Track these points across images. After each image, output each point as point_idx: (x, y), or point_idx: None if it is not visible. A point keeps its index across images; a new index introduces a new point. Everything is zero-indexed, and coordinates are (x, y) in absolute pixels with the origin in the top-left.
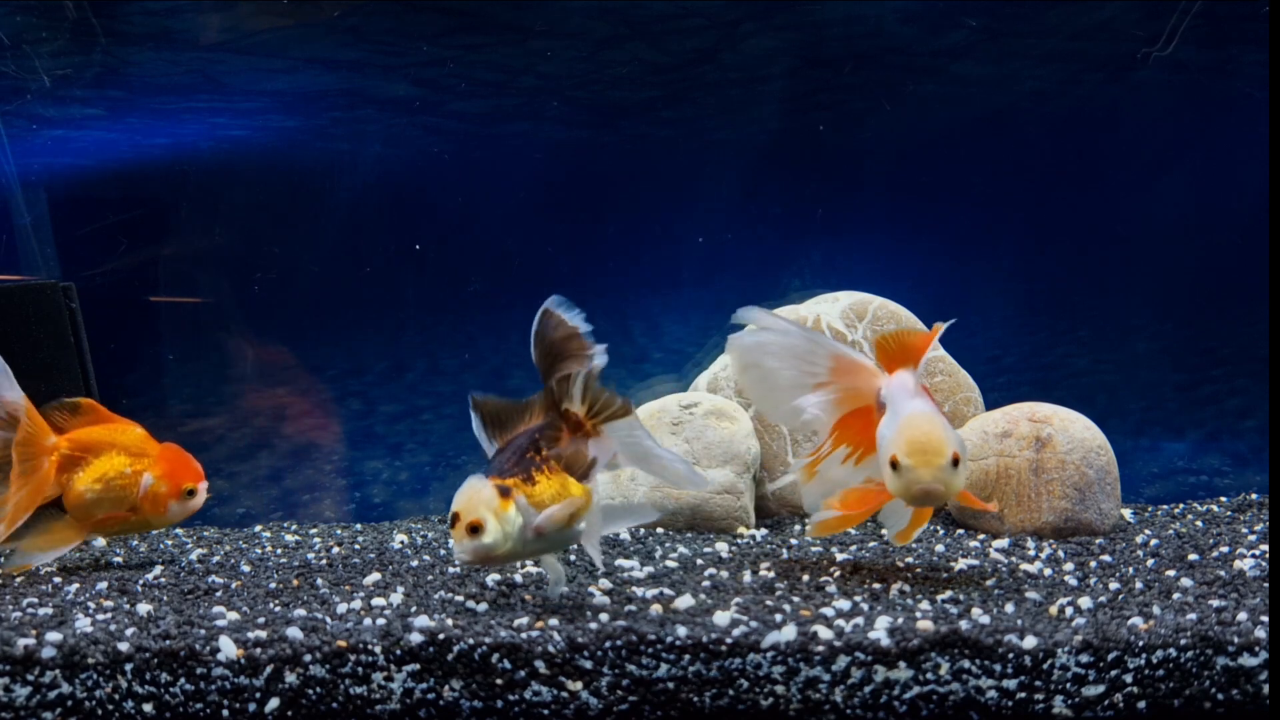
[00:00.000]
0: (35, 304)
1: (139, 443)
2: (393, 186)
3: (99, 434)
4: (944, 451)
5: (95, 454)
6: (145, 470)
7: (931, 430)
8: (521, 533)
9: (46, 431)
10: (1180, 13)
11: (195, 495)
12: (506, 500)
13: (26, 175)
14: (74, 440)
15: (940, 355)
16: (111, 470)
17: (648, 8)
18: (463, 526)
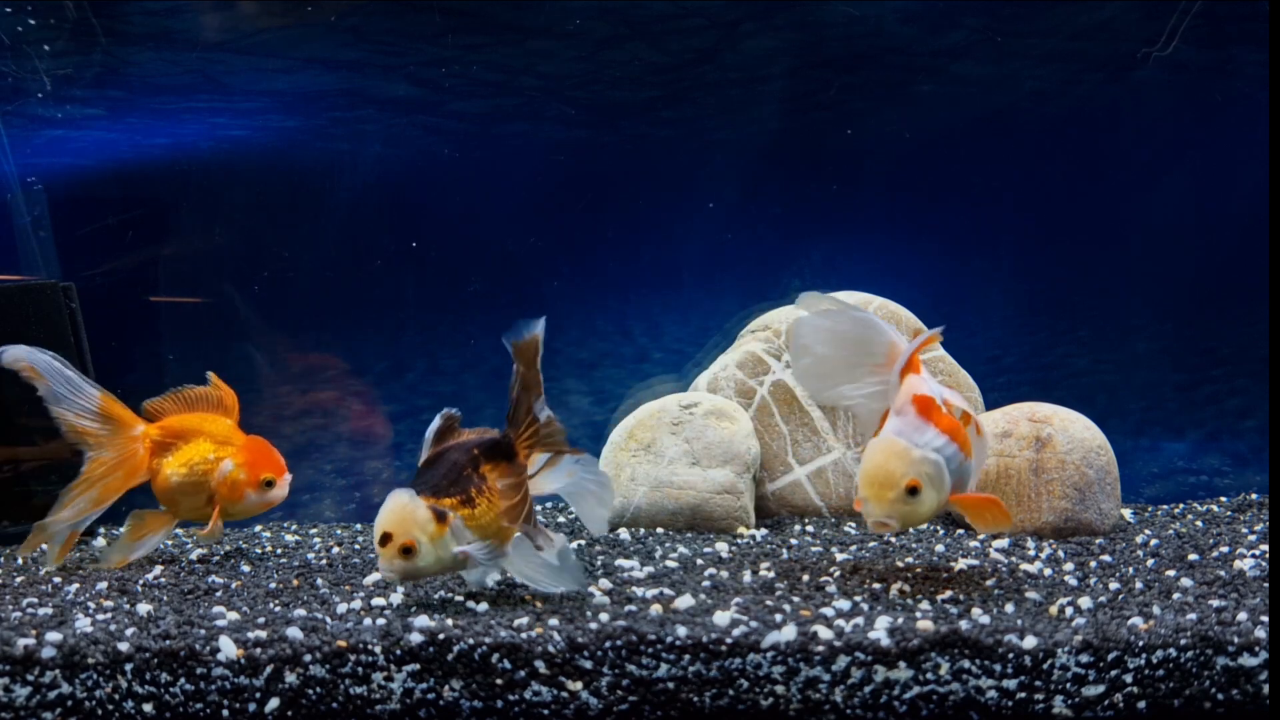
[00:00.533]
0: (35, 304)
1: (225, 431)
2: (392, 186)
3: (189, 421)
4: (895, 484)
5: (184, 441)
6: (226, 458)
7: (886, 461)
8: (452, 558)
9: (132, 421)
10: (1180, 13)
11: (274, 487)
12: (442, 525)
13: (26, 175)
14: (165, 427)
15: (940, 355)
16: (195, 457)
17: (648, 8)
18: (394, 547)
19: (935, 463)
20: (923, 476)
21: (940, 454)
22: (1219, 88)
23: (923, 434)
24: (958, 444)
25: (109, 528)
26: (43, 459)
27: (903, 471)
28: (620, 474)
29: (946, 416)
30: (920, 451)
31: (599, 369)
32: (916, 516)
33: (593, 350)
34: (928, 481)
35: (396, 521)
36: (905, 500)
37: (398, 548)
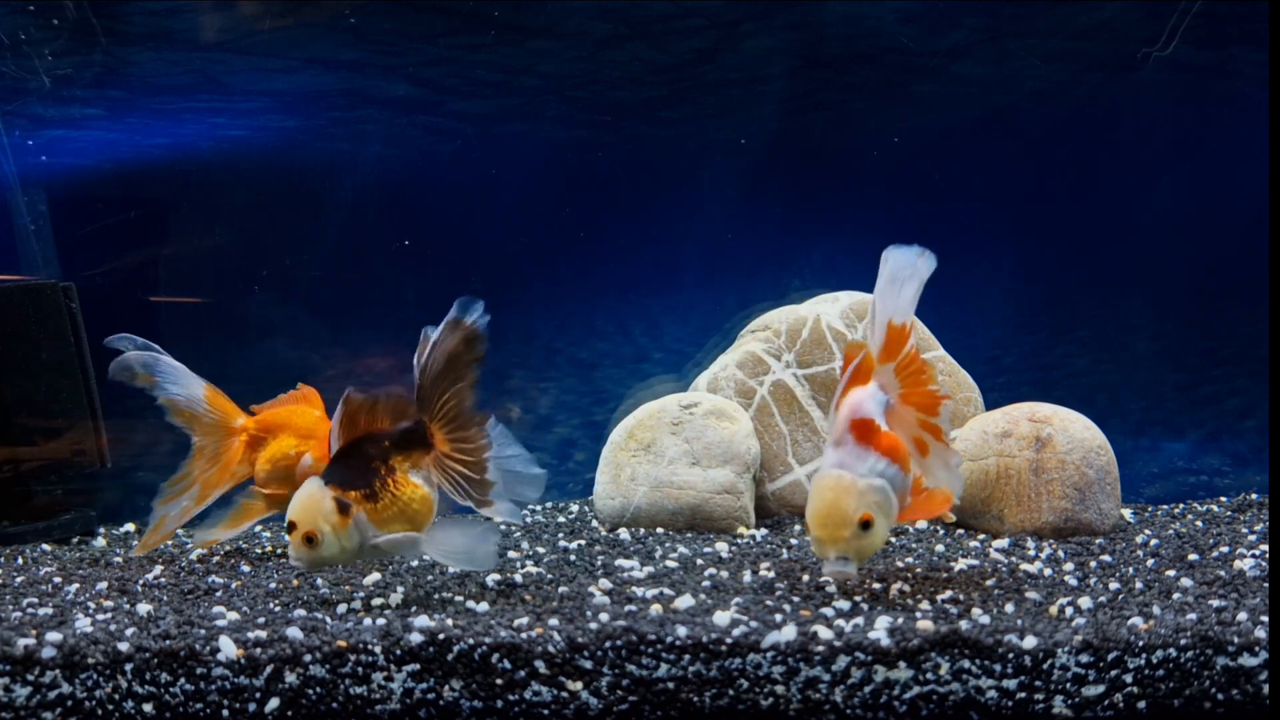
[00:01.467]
0: (35, 304)
1: (311, 425)
2: (392, 186)
3: (280, 415)
4: (849, 521)
5: (275, 434)
6: (307, 451)
7: (835, 498)
8: (358, 546)
9: (233, 415)
10: (1180, 13)
11: None
12: (345, 517)
13: (26, 175)
14: (260, 421)
15: (940, 355)
16: (280, 450)
17: (648, 8)
18: (299, 536)
19: (882, 489)
20: (872, 507)
21: (885, 478)
22: (1219, 88)
23: (865, 462)
24: (899, 463)
25: (109, 528)
26: (43, 459)
27: (854, 506)
28: (620, 474)
29: (885, 435)
30: (866, 481)
31: (599, 369)
32: (871, 548)
33: (593, 350)
34: (878, 511)
35: (302, 511)
36: (859, 535)
37: (301, 536)
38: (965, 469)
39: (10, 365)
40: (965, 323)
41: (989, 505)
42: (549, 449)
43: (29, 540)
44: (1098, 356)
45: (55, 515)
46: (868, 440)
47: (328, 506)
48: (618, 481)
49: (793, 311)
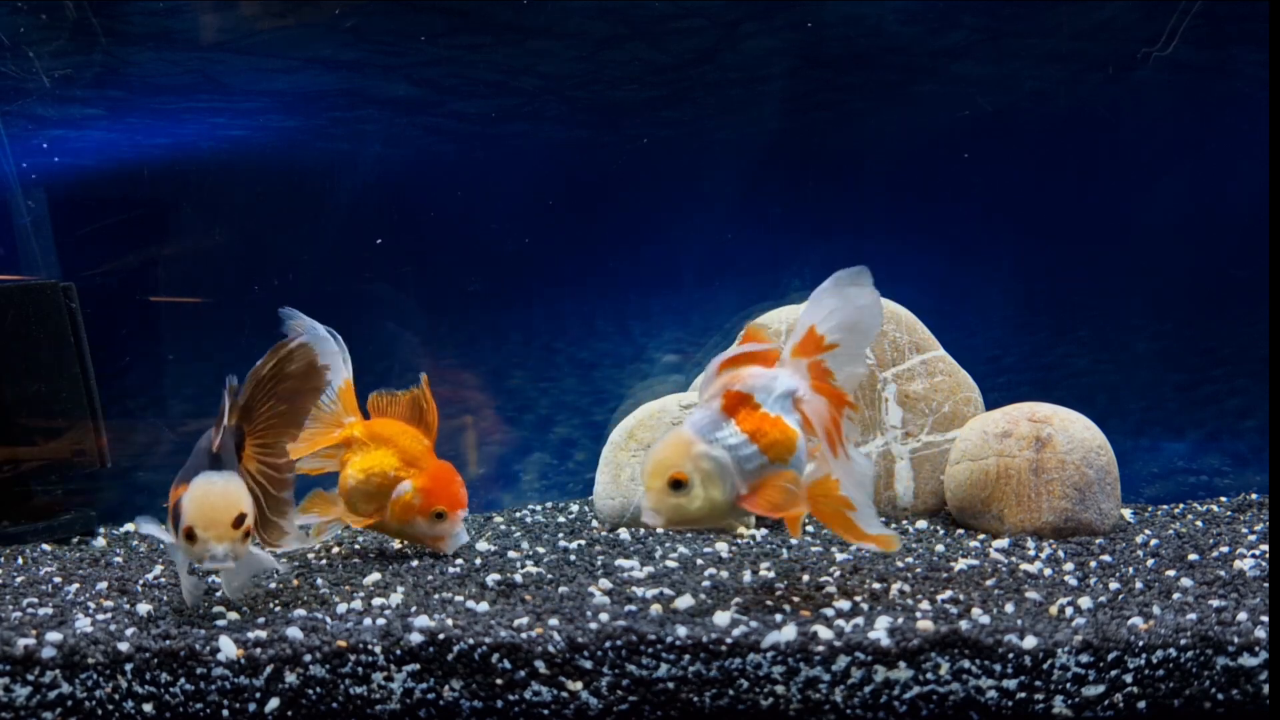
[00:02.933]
0: (35, 304)
1: (418, 453)
2: (392, 186)
3: (389, 430)
4: (661, 471)
5: (377, 445)
6: (407, 478)
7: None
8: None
9: (347, 412)
10: (1180, 13)
11: (444, 520)
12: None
13: (26, 175)
14: (368, 426)
15: (940, 355)
16: (377, 465)
17: (648, 8)
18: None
19: (716, 460)
20: (695, 472)
21: (733, 453)
22: (1219, 88)
23: (718, 429)
24: (760, 446)
25: (109, 528)
26: (43, 459)
27: (674, 464)
28: (620, 474)
29: (757, 416)
30: (703, 446)
31: (599, 369)
32: (685, 513)
33: (593, 350)
34: (701, 478)
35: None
36: (667, 493)
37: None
38: (965, 469)
39: (10, 365)
40: (965, 323)
41: (989, 505)
42: (549, 449)
43: (29, 540)
44: (1098, 356)
45: (55, 515)
46: (733, 412)
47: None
48: (618, 481)
49: (793, 311)
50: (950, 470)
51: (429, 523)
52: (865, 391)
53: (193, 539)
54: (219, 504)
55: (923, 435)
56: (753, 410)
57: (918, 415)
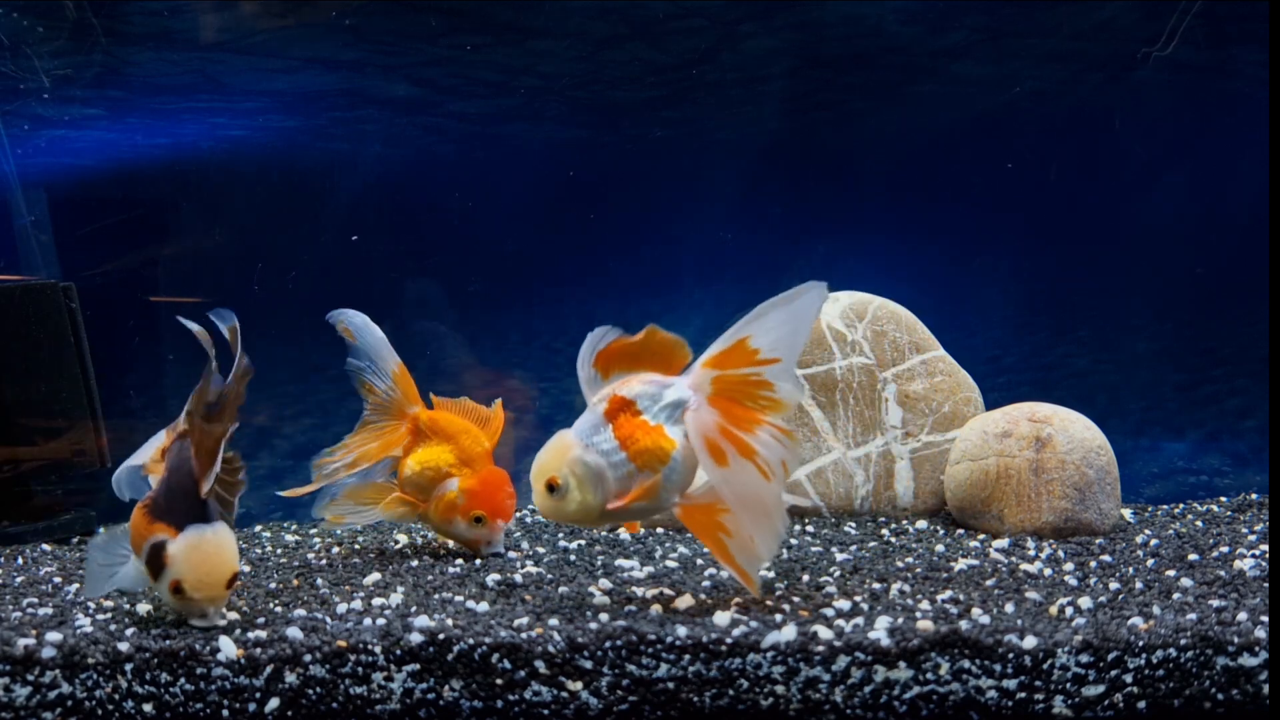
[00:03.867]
0: (35, 304)
1: (475, 454)
2: (392, 186)
3: (450, 426)
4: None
5: (435, 439)
6: (455, 477)
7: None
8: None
9: (410, 401)
10: (1180, 13)
11: (482, 525)
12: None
13: (26, 175)
14: (430, 419)
15: (940, 355)
16: (432, 460)
17: (648, 8)
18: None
19: (588, 465)
20: (570, 476)
21: (606, 458)
22: (1219, 88)
23: (597, 433)
24: (629, 453)
25: (109, 528)
26: (43, 459)
27: (551, 468)
28: None
29: (632, 423)
30: (579, 451)
31: None
32: (562, 514)
33: None
34: (575, 482)
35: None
36: (546, 496)
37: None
38: (965, 469)
39: (10, 365)
40: (965, 323)
41: (989, 505)
42: None
43: (29, 540)
44: (1098, 356)
45: (55, 515)
46: (613, 417)
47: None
48: None
49: None
50: (950, 470)
51: (468, 525)
52: (865, 391)
53: (180, 594)
54: (215, 565)
55: (923, 435)
56: (631, 417)
57: (918, 415)
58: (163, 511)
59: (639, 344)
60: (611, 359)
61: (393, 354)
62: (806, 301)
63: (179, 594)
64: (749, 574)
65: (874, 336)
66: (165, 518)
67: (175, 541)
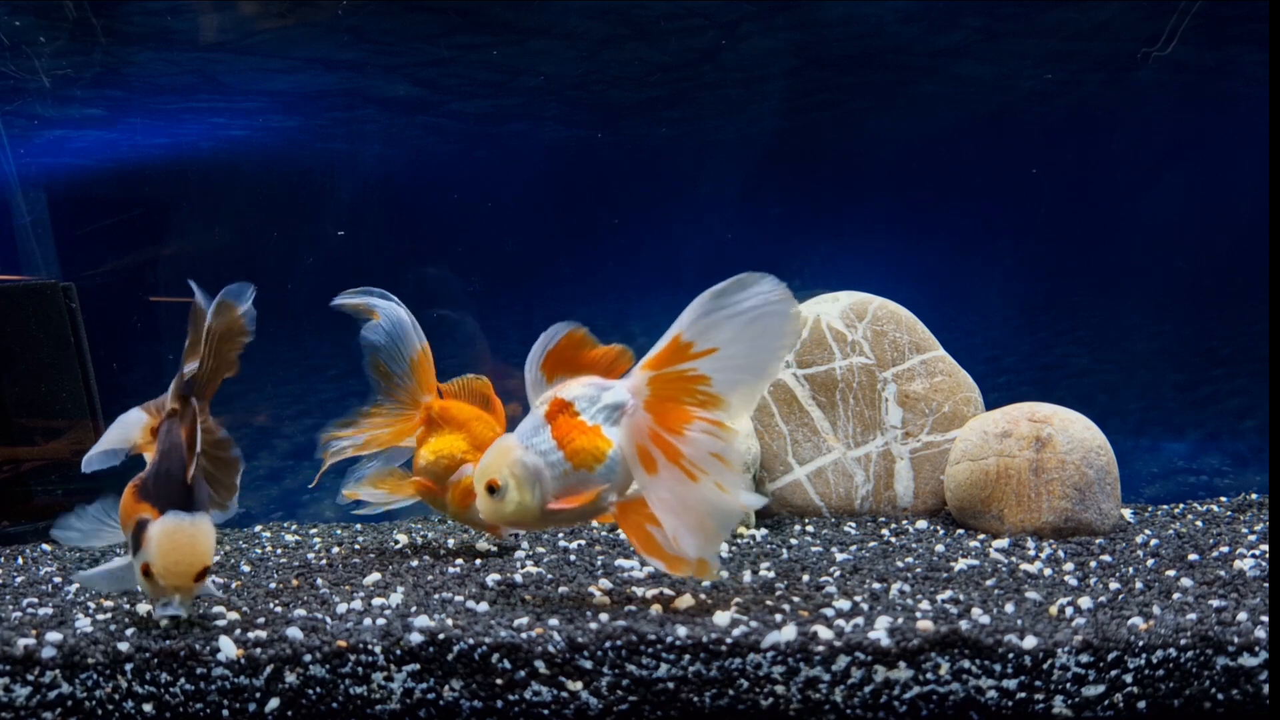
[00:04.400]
0: (35, 304)
1: (488, 439)
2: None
3: (463, 414)
4: (480, 480)
5: (449, 428)
6: (470, 463)
7: (487, 455)
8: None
9: (424, 390)
10: (1180, 13)
11: None
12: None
13: (26, 175)
14: (444, 408)
15: (940, 355)
16: (447, 448)
17: (648, 8)
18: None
19: (527, 465)
20: (510, 477)
21: (544, 459)
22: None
23: (537, 435)
24: (565, 453)
25: None
26: (43, 459)
27: (492, 470)
28: None
29: (570, 424)
30: (519, 453)
31: None
32: (501, 515)
33: None
34: (515, 483)
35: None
36: (487, 497)
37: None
38: (965, 469)
39: (10, 365)
40: (965, 323)
41: (989, 505)
42: None
43: (29, 540)
44: (1098, 356)
45: (55, 515)
46: (552, 419)
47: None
48: None
49: None
50: (950, 470)
51: None
52: (865, 391)
53: (148, 577)
54: (186, 555)
55: (923, 435)
56: (570, 418)
57: (918, 415)
58: (149, 493)
59: (584, 349)
60: (557, 363)
61: (418, 338)
62: (736, 286)
63: (147, 576)
64: (675, 561)
65: (874, 336)
66: (150, 499)
67: (154, 524)
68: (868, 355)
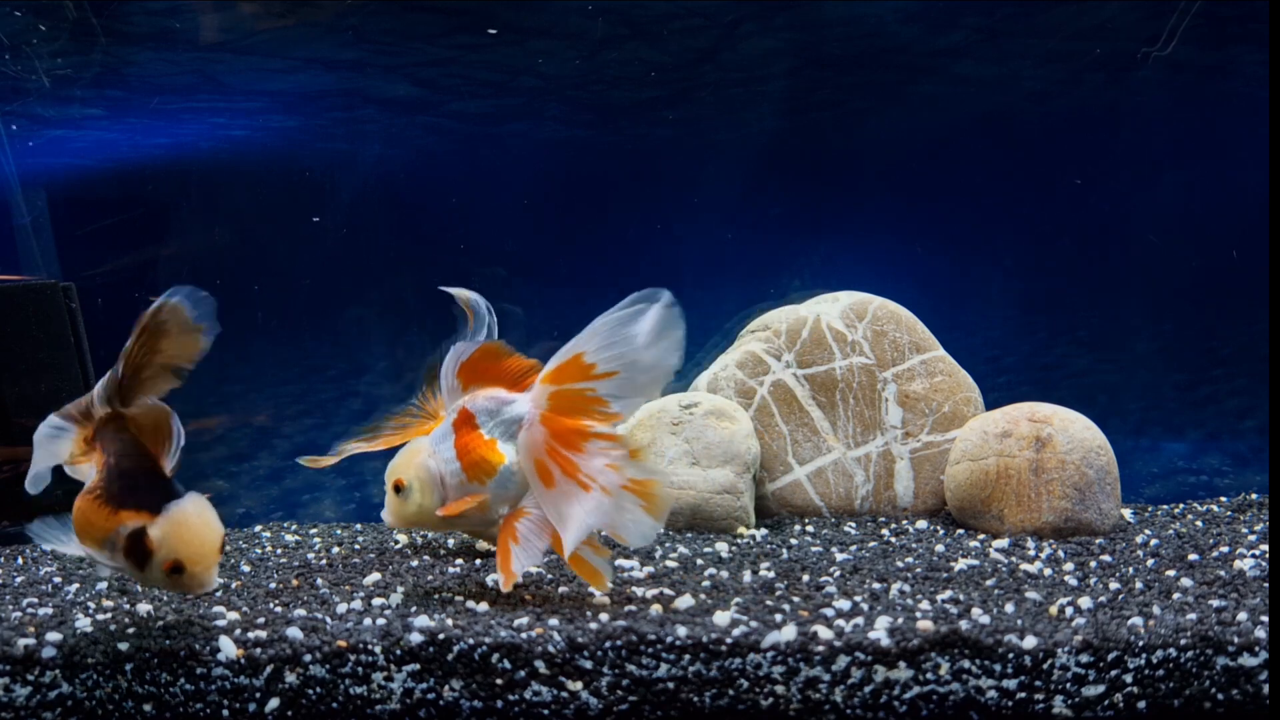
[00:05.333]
0: (35, 304)
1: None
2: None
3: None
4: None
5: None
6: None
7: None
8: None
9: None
10: (1180, 13)
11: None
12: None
13: (26, 175)
14: (463, 411)
15: (940, 355)
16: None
17: (648, 8)
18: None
19: (430, 470)
20: (415, 479)
21: (445, 466)
22: (1219, 88)
23: (444, 442)
24: (462, 464)
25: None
26: None
27: (400, 469)
28: None
29: (469, 436)
30: (425, 457)
31: None
32: (403, 514)
33: None
34: (417, 485)
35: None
36: (393, 495)
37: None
38: (965, 469)
39: (10, 365)
40: (965, 323)
41: (989, 505)
42: None
43: (29, 540)
44: (1098, 356)
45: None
46: (459, 428)
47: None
48: None
49: (793, 311)
50: (950, 470)
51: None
52: (865, 391)
53: (180, 572)
54: (208, 535)
55: (923, 435)
56: (470, 430)
57: (918, 415)
58: (123, 499)
59: (499, 360)
60: (472, 373)
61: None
62: (640, 313)
63: (178, 572)
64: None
65: (874, 336)
66: (130, 504)
67: (157, 524)
68: (868, 355)
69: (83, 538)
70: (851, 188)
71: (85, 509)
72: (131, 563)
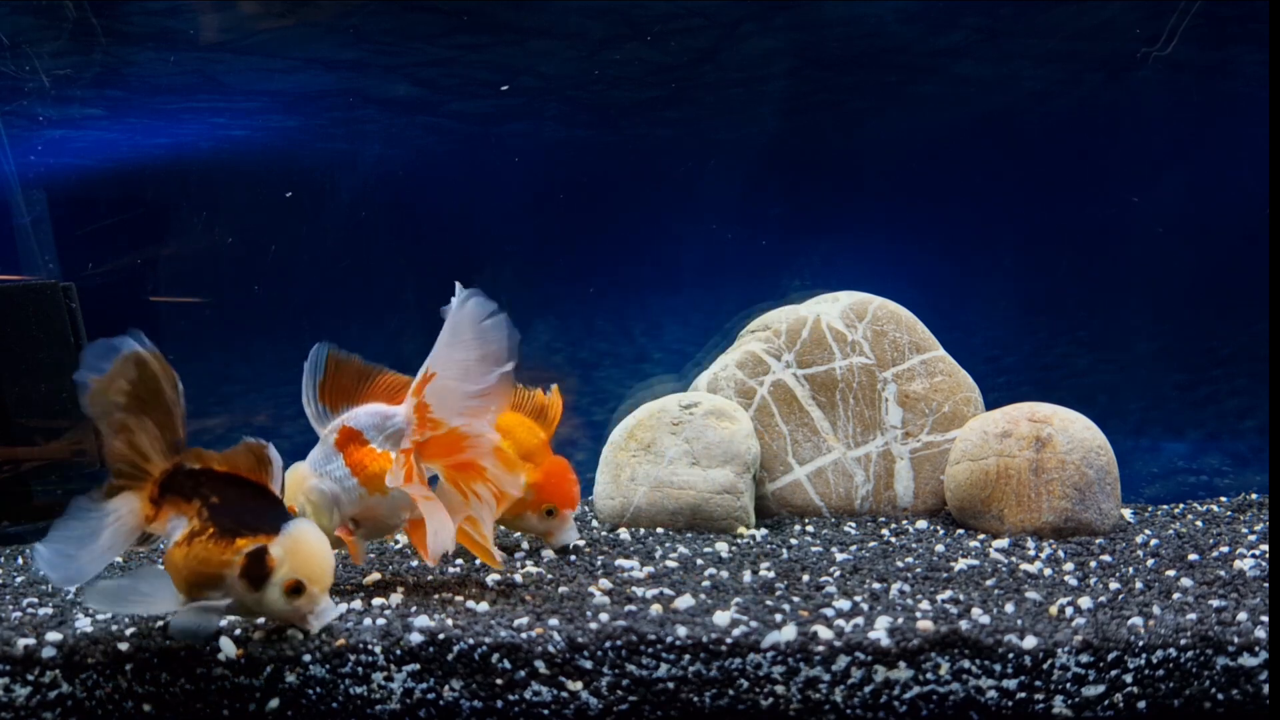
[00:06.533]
0: (35, 304)
1: (533, 446)
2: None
3: (503, 421)
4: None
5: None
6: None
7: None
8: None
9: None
10: (1180, 13)
11: (554, 517)
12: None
13: (26, 175)
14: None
15: (940, 355)
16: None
17: (648, 8)
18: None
19: (323, 492)
20: (306, 504)
21: (340, 485)
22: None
23: (329, 463)
24: (360, 479)
25: None
26: (43, 459)
27: (288, 496)
28: (620, 474)
29: (361, 451)
30: (313, 480)
31: (599, 369)
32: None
33: (593, 350)
34: (310, 508)
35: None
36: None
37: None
38: (965, 469)
39: (10, 365)
40: (965, 323)
41: (989, 505)
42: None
43: (29, 540)
44: (1098, 356)
45: (55, 515)
46: (343, 447)
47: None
48: (617, 481)
49: (793, 311)
50: (950, 470)
51: (540, 518)
52: (865, 391)
53: (298, 593)
54: (324, 554)
55: (923, 435)
56: (359, 446)
57: (918, 415)
58: (239, 527)
59: (363, 379)
60: (338, 394)
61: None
62: (454, 310)
63: (297, 593)
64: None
65: (874, 336)
66: (247, 529)
67: (277, 542)
68: (868, 355)
69: (193, 582)
70: (851, 188)
71: (197, 552)
72: (247, 583)
